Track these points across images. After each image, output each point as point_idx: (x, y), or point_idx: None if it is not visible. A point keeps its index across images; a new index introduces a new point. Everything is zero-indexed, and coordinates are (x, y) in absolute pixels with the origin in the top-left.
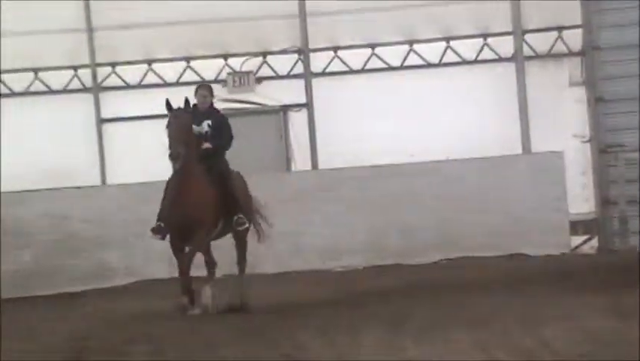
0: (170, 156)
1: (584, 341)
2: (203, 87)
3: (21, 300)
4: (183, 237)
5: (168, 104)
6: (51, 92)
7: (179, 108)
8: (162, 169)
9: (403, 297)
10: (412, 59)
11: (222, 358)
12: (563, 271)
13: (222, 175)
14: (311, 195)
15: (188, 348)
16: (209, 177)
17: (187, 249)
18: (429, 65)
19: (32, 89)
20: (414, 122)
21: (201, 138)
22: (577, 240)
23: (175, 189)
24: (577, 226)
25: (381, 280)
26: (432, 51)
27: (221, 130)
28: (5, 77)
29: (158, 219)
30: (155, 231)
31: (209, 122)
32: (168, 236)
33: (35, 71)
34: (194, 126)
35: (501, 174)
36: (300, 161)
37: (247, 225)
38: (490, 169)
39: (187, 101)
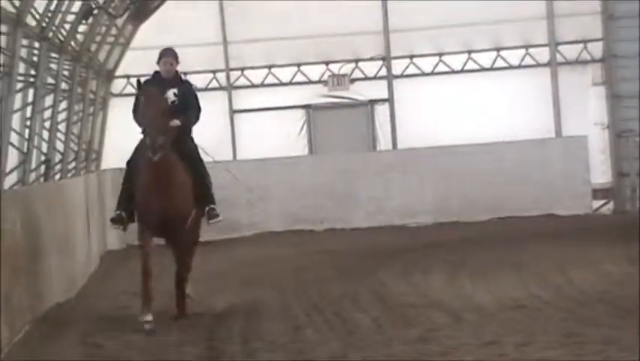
0: (150, 148)
1: (603, 281)
2: (168, 53)
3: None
4: (160, 233)
5: (138, 83)
6: (197, 90)
7: (150, 88)
8: (278, 148)
9: (462, 247)
10: (470, 65)
11: (327, 292)
12: (586, 228)
13: (193, 159)
14: (392, 169)
15: (300, 281)
16: (182, 164)
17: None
18: (483, 70)
19: None
20: (472, 112)
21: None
22: (597, 204)
23: (152, 183)
24: (597, 193)
25: (446, 233)
26: (485, 59)
27: (188, 100)
28: None
29: (119, 209)
30: (116, 221)
31: (175, 91)
32: (134, 227)
33: (185, 74)
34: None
35: (539, 153)
36: (383, 142)
37: (220, 217)
38: (531, 149)
39: (139, 83)
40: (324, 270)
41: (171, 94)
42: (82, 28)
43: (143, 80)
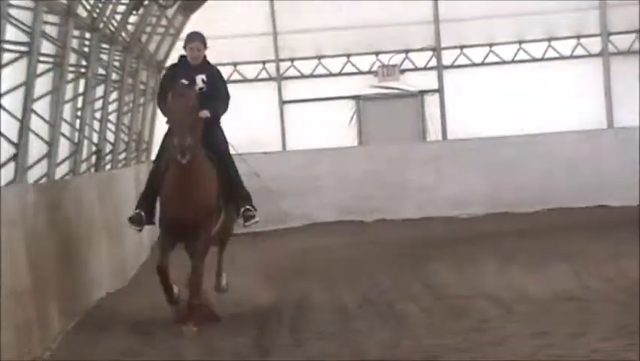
0: (178, 150)
1: None
2: (196, 38)
3: None
4: (182, 237)
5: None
6: (246, 80)
7: (179, 81)
8: (327, 139)
9: (513, 238)
10: (521, 55)
11: (377, 282)
12: (637, 219)
13: (222, 155)
14: (442, 159)
15: (350, 272)
16: (210, 163)
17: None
18: (534, 60)
19: (232, 78)
20: (522, 103)
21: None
22: None
23: (178, 187)
24: None
25: (496, 224)
26: (536, 49)
27: (217, 87)
28: None
29: (138, 208)
30: (134, 221)
31: (203, 77)
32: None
33: (234, 65)
34: (184, 82)
35: (590, 144)
36: (433, 133)
37: (256, 219)
38: (583, 140)
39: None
40: (374, 260)
41: (199, 80)
42: (132, 19)
43: (168, 65)
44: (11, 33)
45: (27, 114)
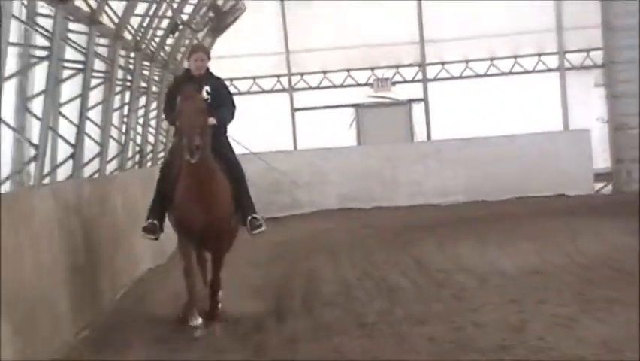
0: (187, 150)
1: (609, 250)
2: (199, 48)
3: None
4: (200, 240)
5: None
6: (264, 91)
7: (186, 85)
8: (331, 140)
9: (488, 221)
10: (492, 70)
11: (374, 259)
12: (590, 205)
13: (230, 161)
14: (427, 157)
15: (351, 250)
16: (220, 167)
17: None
18: (503, 74)
19: (252, 90)
20: (494, 109)
21: None
22: (598, 185)
23: (192, 187)
24: (598, 177)
25: (473, 210)
26: (505, 65)
27: (222, 97)
28: (235, 82)
29: (151, 217)
30: (149, 230)
31: (208, 88)
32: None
33: (254, 78)
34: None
35: (550, 143)
36: (420, 135)
37: (263, 228)
38: (544, 141)
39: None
40: (371, 240)
41: (204, 92)
42: (169, 41)
43: (173, 77)
44: (69, 53)
45: (82, 120)
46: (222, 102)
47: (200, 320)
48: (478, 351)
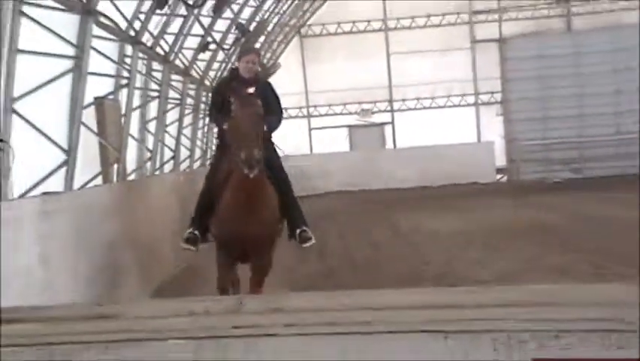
0: (246, 163)
1: (499, 217)
2: (252, 50)
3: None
4: (242, 255)
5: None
6: (290, 117)
7: (242, 90)
8: (334, 147)
9: (431, 198)
10: (434, 104)
11: (364, 225)
12: (493, 189)
13: (278, 170)
14: (395, 158)
15: (349, 218)
16: (267, 175)
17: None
18: (440, 107)
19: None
20: (436, 129)
21: None
22: (498, 176)
23: (243, 203)
24: (499, 171)
25: (422, 192)
26: (442, 101)
27: (271, 103)
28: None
29: (193, 227)
30: (190, 241)
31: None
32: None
33: (285, 109)
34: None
35: (470, 149)
36: (390, 144)
37: (313, 240)
38: (466, 148)
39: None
40: (361, 212)
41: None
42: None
43: (218, 79)
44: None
45: (179, 135)
46: (271, 108)
47: None
48: (427, 279)
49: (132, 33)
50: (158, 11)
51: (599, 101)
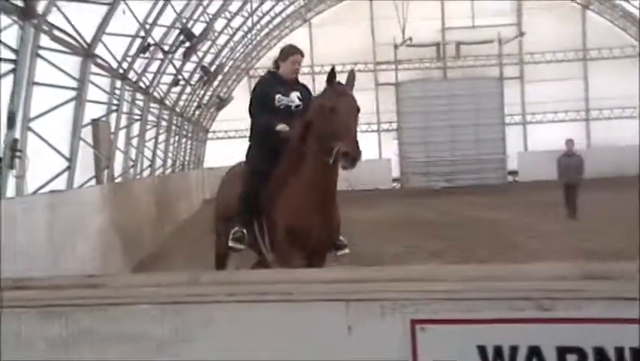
0: (352, 157)
1: (400, 212)
2: (298, 51)
3: None
4: (305, 259)
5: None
6: None
7: (341, 84)
8: None
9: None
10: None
11: (357, 211)
12: (391, 193)
13: None
14: None
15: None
16: None
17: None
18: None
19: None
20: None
21: (291, 115)
22: (394, 184)
23: (322, 204)
24: (394, 180)
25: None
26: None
27: None
28: None
29: (240, 225)
30: (237, 239)
31: (298, 94)
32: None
33: None
34: (281, 97)
35: (373, 165)
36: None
37: (347, 250)
38: (370, 163)
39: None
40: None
41: (295, 97)
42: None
43: (258, 76)
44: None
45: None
46: None
47: None
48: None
49: (121, 71)
50: (141, 55)
51: (465, 131)
